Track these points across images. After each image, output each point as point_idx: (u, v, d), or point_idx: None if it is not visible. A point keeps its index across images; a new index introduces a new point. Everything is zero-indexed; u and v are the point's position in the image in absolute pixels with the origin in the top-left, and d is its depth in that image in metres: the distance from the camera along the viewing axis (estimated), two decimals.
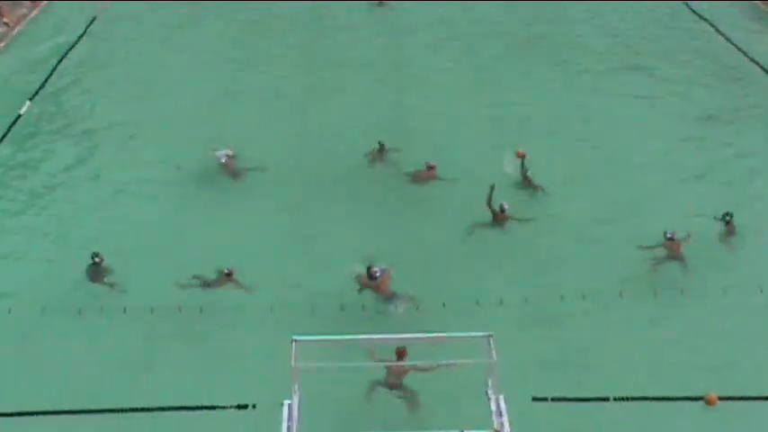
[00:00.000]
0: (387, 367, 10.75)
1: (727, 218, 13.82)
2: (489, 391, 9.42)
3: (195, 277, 12.74)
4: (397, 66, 20.94)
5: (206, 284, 12.72)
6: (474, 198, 14.39)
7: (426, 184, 15.47)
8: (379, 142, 16.42)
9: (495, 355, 9.07)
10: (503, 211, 14.05)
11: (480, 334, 9.27)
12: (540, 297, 12.22)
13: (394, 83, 19.99)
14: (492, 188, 14.08)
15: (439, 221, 14.45)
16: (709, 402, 10.43)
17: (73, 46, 22.01)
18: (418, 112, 18.52)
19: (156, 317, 11.99)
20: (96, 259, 12.99)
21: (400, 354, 10.87)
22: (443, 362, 9.85)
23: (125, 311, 12.04)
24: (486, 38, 22.30)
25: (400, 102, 19.05)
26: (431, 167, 15.62)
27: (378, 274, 12.47)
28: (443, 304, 12.01)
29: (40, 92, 19.43)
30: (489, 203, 14.10)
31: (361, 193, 15.37)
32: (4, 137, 17.36)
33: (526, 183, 15.24)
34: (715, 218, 13.84)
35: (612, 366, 11.18)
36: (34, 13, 24.34)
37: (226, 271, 12.77)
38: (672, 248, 13.18)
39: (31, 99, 19.00)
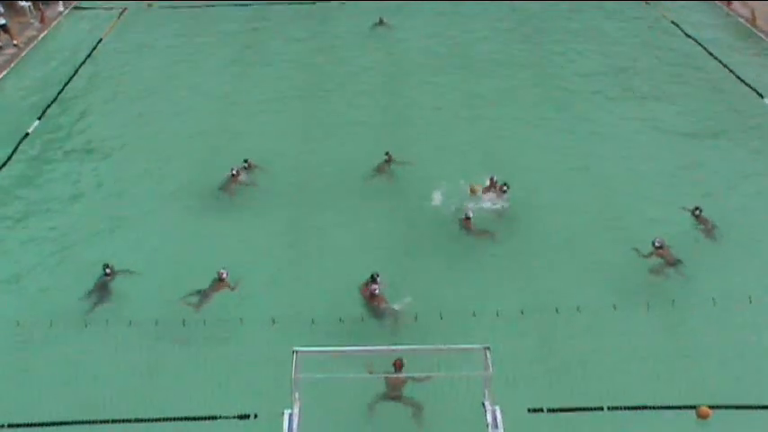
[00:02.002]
0: (385, 379, 10.96)
1: (697, 212, 14.33)
2: (486, 403, 9.63)
3: (191, 294, 12.96)
4: (396, 82, 21.24)
5: (203, 294, 12.93)
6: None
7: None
8: (386, 153, 16.64)
9: (491, 366, 9.28)
10: (468, 218, 14.41)
11: (477, 346, 9.49)
12: (535, 310, 12.39)
13: (394, 98, 20.27)
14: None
15: (437, 235, 14.63)
16: (701, 416, 10.55)
17: (80, 66, 22.40)
18: (417, 125, 18.79)
19: (160, 329, 12.20)
20: (107, 270, 13.26)
21: (398, 366, 11.08)
22: (441, 374, 10.08)
23: (130, 324, 12.26)
24: (483, 57, 22.63)
25: (400, 115, 19.33)
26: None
27: (377, 291, 12.74)
28: (441, 316, 12.22)
29: (48, 111, 19.79)
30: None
31: (361, 208, 15.55)
32: (12, 154, 17.70)
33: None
34: (684, 208, 14.44)
35: (607, 377, 11.31)
36: (43, 35, 24.82)
37: (217, 276, 13.05)
38: (662, 256, 13.41)
39: (39, 118, 19.37)
